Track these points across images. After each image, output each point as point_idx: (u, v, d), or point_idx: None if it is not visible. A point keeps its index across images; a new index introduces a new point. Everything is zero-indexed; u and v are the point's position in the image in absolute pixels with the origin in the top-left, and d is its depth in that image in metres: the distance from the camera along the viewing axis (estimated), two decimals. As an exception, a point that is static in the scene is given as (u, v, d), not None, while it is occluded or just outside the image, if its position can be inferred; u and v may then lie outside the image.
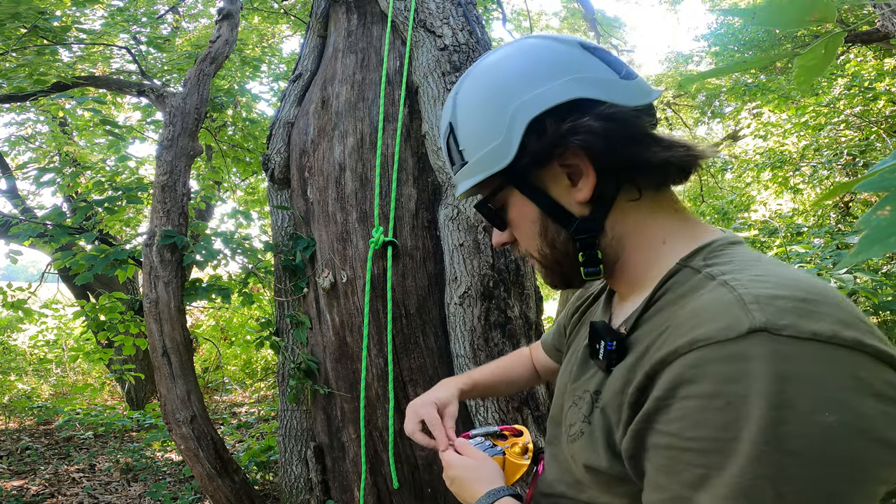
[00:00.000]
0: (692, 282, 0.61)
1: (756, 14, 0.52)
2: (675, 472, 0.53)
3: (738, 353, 0.49)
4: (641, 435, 0.57)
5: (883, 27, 5.12)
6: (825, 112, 4.69)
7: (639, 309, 0.66)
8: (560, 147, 0.66)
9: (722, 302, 0.53)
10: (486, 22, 7.10)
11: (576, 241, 0.70)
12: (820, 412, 0.46)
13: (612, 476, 0.64)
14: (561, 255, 0.72)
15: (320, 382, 2.28)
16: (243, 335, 6.40)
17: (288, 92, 2.67)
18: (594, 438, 0.66)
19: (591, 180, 0.67)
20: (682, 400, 0.52)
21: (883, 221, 0.28)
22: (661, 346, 0.56)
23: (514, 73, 0.70)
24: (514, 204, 0.73)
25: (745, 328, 0.49)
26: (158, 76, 4.42)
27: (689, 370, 0.51)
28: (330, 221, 2.29)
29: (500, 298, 2.01)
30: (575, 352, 0.82)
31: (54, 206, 5.07)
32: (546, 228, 0.71)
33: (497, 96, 0.69)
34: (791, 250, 2.50)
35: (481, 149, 0.71)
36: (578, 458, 0.69)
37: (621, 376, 0.62)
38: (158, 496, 3.16)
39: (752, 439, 0.47)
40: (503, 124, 0.68)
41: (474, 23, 2.43)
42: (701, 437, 0.50)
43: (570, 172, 0.68)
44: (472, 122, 0.72)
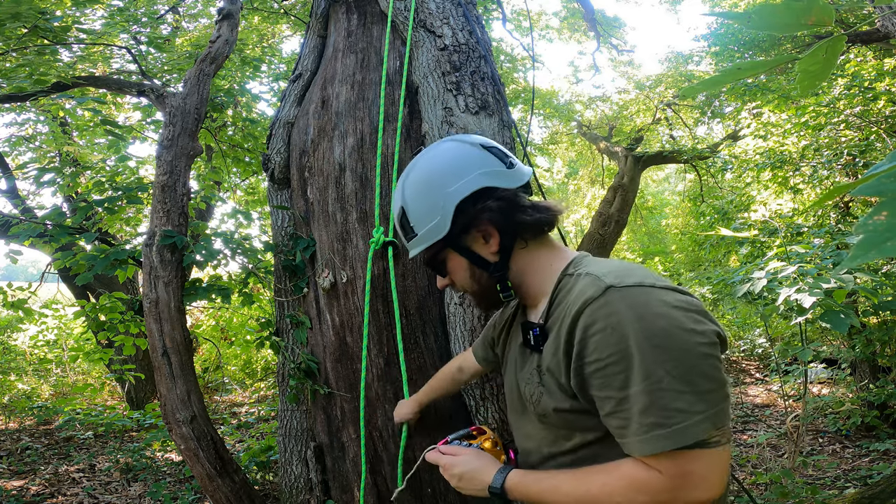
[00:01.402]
0: (570, 281, 0.99)
1: (752, 17, 0.52)
2: (608, 384, 0.85)
3: (606, 301, 0.87)
4: (580, 371, 0.90)
5: (883, 27, 5.11)
6: (825, 112, 4.68)
7: (546, 307, 1.03)
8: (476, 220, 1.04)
9: (588, 281, 0.92)
10: (486, 22, 7.10)
11: (493, 278, 1.08)
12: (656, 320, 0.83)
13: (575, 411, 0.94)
14: (485, 288, 1.10)
15: (320, 382, 2.28)
16: (243, 335, 6.40)
17: (288, 92, 2.67)
18: (551, 391, 0.97)
19: (496, 239, 1.05)
20: (590, 338, 0.87)
21: (880, 226, 0.28)
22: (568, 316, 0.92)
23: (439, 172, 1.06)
24: (451, 259, 1.10)
25: (603, 287, 0.88)
26: (158, 76, 4.42)
27: (587, 319, 0.88)
28: (330, 221, 2.29)
29: (499, 299, 2.01)
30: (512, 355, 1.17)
31: (54, 206, 5.07)
32: (473, 272, 1.09)
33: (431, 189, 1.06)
34: (791, 250, 2.50)
35: (426, 224, 1.07)
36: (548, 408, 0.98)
37: (552, 346, 0.96)
38: (158, 496, 3.17)
39: (636, 343, 0.82)
40: (439, 208, 1.04)
41: (474, 23, 2.42)
42: (610, 353, 0.84)
43: (483, 235, 1.06)
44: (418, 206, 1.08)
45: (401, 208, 1.11)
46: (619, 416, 0.84)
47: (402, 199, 1.10)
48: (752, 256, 4.25)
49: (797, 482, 2.95)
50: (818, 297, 1.97)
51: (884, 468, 3.37)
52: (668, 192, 17.45)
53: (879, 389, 4.20)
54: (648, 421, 0.80)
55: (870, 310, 3.76)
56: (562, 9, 11.24)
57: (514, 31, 9.83)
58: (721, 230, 2.78)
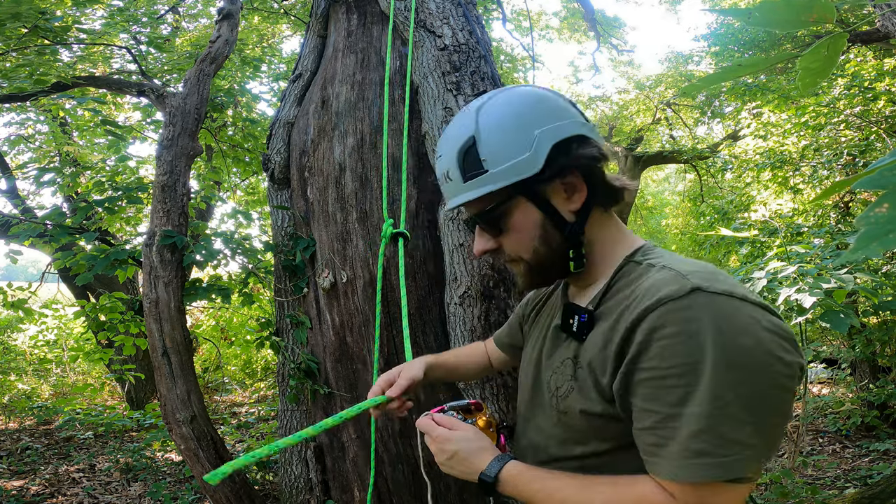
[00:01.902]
0: (638, 270, 0.87)
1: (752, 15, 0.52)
2: (659, 397, 0.74)
3: (688, 304, 0.74)
4: (629, 376, 0.78)
5: (883, 27, 5.11)
6: (825, 112, 4.68)
7: (601, 291, 0.90)
8: (566, 169, 0.88)
9: (668, 276, 0.79)
10: (486, 22, 7.10)
11: (568, 242, 0.91)
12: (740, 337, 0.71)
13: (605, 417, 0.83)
14: (554, 253, 0.92)
15: (320, 382, 2.28)
16: (243, 335, 6.39)
17: (288, 92, 2.67)
18: (584, 389, 0.85)
19: (582, 195, 0.90)
20: (656, 342, 0.74)
21: (881, 218, 0.28)
22: (633, 310, 0.78)
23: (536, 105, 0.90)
24: (520, 211, 0.91)
25: (689, 288, 0.75)
26: (158, 76, 4.42)
27: (658, 319, 0.75)
28: (330, 221, 2.29)
29: (500, 298, 2.01)
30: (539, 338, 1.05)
31: (54, 206, 5.07)
32: (546, 231, 0.91)
33: (526, 118, 0.88)
34: (791, 250, 2.50)
35: (508, 160, 0.87)
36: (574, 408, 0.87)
37: (600, 339, 0.84)
38: (158, 496, 3.16)
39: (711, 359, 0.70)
40: (529, 142, 0.86)
41: (474, 23, 2.42)
42: (676, 364, 0.72)
43: (567, 188, 0.90)
44: (501, 137, 0.88)
45: (469, 137, 0.89)
46: (658, 434, 0.74)
47: (472, 126, 0.90)
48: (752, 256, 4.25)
49: (797, 482, 2.95)
50: (818, 297, 1.97)
51: (884, 468, 3.37)
52: (668, 192, 17.45)
53: (879, 389, 4.20)
54: (696, 447, 0.70)
55: (870, 310, 3.76)
56: (562, 9, 11.25)
57: (514, 31, 9.84)
58: (721, 230, 2.78)
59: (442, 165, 0.95)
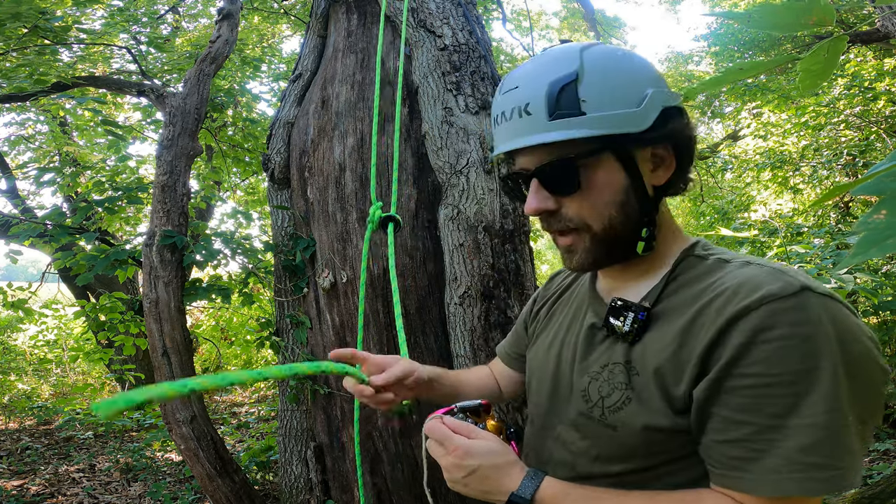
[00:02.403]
0: (704, 265, 0.78)
1: (751, 17, 0.52)
2: (759, 407, 0.66)
3: (800, 303, 0.65)
4: (719, 383, 0.68)
5: (883, 27, 5.11)
6: (825, 112, 4.69)
7: (658, 287, 0.80)
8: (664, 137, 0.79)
9: (764, 272, 0.70)
10: (486, 22, 7.10)
11: (643, 217, 0.80)
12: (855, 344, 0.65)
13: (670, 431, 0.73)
14: (629, 226, 0.80)
15: (320, 382, 2.28)
16: (243, 335, 6.40)
17: (288, 92, 2.67)
18: (647, 399, 0.74)
19: (670, 171, 0.81)
20: (761, 344, 0.65)
21: (879, 224, 0.28)
22: (724, 308, 0.69)
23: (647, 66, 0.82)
24: (603, 171, 0.78)
25: (798, 286, 0.66)
26: (158, 76, 4.42)
27: (766, 319, 0.66)
28: (330, 221, 2.29)
29: (500, 298, 2.01)
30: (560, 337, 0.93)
31: (54, 206, 5.07)
32: (628, 198, 0.79)
33: (638, 74, 0.79)
34: (791, 250, 2.50)
35: (612, 108, 0.76)
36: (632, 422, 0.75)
37: (671, 341, 0.74)
38: (158, 496, 3.17)
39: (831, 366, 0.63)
40: (639, 98, 0.77)
41: (474, 23, 2.43)
42: (785, 371, 0.64)
43: (655, 159, 0.81)
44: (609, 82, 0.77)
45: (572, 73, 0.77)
46: (750, 447, 0.66)
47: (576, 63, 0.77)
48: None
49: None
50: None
51: (884, 468, 3.37)
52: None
53: (879, 389, 4.20)
54: (810, 460, 0.63)
55: (870, 310, 3.76)
56: (562, 9, 11.25)
57: (514, 31, 9.83)
58: (721, 230, 2.78)
59: (516, 98, 0.80)
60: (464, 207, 2.07)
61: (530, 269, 2.12)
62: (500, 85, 0.85)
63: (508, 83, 0.83)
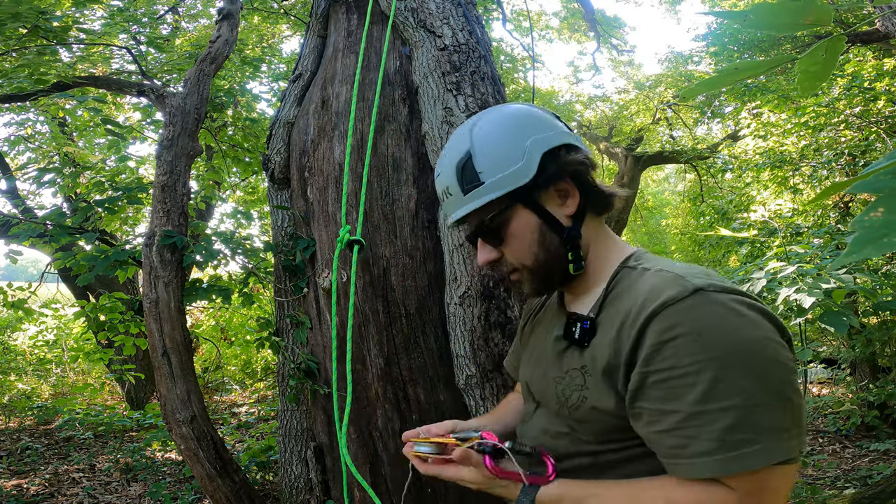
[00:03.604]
0: (633, 275, 0.90)
1: (749, 17, 0.52)
2: (676, 396, 0.76)
3: (693, 303, 0.77)
4: (642, 379, 0.79)
5: (883, 27, 5.11)
6: (825, 112, 4.69)
7: (599, 299, 0.92)
8: (558, 175, 0.93)
9: (667, 279, 0.82)
10: (486, 22, 7.10)
11: (566, 245, 0.94)
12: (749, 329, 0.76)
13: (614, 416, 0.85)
14: (554, 257, 0.95)
15: (320, 382, 2.28)
16: (243, 335, 6.40)
17: (288, 92, 2.67)
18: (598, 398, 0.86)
19: (575, 200, 0.94)
20: (667, 343, 0.77)
21: (876, 222, 0.28)
22: (637, 315, 0.81)
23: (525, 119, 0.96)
24: (517, 219, 0.94)
25: (690, 289, 0.78)
26: (158, 76, 4.42)
27: (666, 321, 0.77)
28: (330, 221, 2.29)
29: (500, 298, 2.01)
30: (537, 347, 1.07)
31: (54, 206, 5.08)
32: (544, 236, 0.94)
33: (516, 131, 0.94)
34: (790, 250, 2.50)
35: (503, 170, 0.92)
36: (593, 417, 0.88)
37: (608, 346, 0.85)
38: (158, 496, 3.17)
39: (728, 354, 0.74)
40: (522, 152, 0.92)
41: (474, 23, 2.43)
42: (690, 363, 0.75)
43: (561, 194, 0.94)
44: (494, 148, 0.94)
45: (466, 152, 0.95)
46: (681, 435, 0.76)
47: (468, 143, 0.96)
48: (752, 256, 4.26)
49: (797, 482, 2.95)
50: (817, 297, 1.97)
51: (884, 468, 3.37)
52: (668, 192, 17.45)
53: (879, 389, 4.21)
54: (737, 437, 0.72)
55: (870, 310, 3.76)
56: (562, 9, 11.24)
57: (514, 31, 9.83)
58: (721, 230, 2.78)
59: (441, 183, 1.00)
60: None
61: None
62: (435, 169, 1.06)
63: (436, 169, 1.03)
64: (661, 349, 0.77)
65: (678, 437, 0.76)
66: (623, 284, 0.90)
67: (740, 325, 0.76)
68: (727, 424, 0.73)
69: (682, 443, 0.76)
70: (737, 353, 0.74)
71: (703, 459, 0.74)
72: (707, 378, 0.74)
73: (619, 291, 0.90)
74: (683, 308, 0.77)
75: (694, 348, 0.75)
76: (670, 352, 0.76)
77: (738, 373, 0.73)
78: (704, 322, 0.76)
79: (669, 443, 0.77)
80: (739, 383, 0.73)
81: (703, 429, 0.74)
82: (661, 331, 0.77)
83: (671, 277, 0.82)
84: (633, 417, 0.82)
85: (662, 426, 0.78)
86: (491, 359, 1.94)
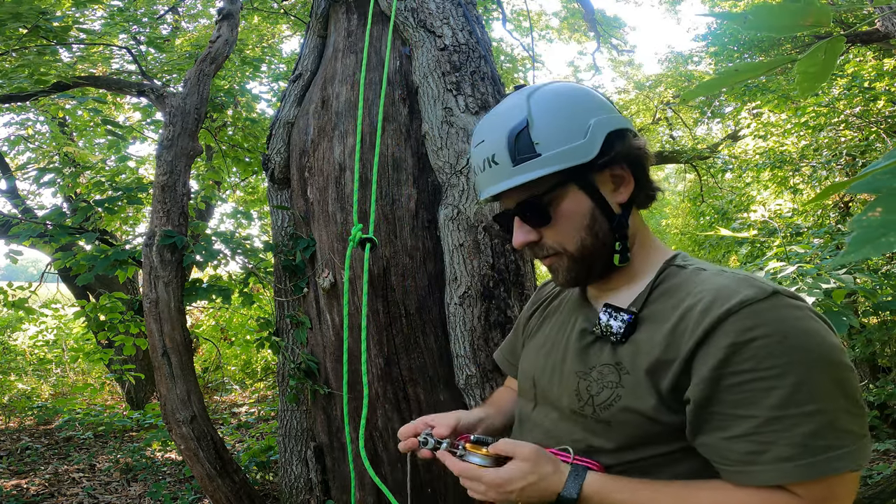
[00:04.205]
0: (684, 274, 0.86)
1: (748, 18, 0.52)
2: (756, 400, 0.72)
3: (774, 305, 0.74)
4: (715, 383, 0.74)
5: (883, 27, 5.11)
6: (825, 112, 4.69)
7: (644, 293, 0.87)
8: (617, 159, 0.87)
9: (737, 279, 0.79)
10: (486, 22, 7.10)
11: (615, 233, 0.89)
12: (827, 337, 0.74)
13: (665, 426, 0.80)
14: (601, 244, 0.89)
15: (320, 382, 2.28)
16: (243, 335, 6.40)
17: (288, 92, 2.67)
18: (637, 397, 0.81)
19: (630, 187, 0.90)
20: (747, 344, 0.73)
21: (874, 222, 0.28)
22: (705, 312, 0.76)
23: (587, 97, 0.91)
24: (569, 199, 0.88)
25: (770, 290, 0.75)
26: (158, 76, 4.42)
27: (747, 321, 0.73)
28: (330, 221, 2.29)
29: (500, 298, 2.01)
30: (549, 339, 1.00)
31: (54, 206, 5.08)
32: (595, 221, 0.88)
33: (579, 106, 0.89)
34: (790, 250, 2.51)
35: (562, 144, 0.86)
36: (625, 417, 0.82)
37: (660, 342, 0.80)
38: (158, 496, 3.17)
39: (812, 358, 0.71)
40: (584, 129, 0.86)
41: (474, 23, 2.43)
42: (775, 365, 0.71)
43: (615, 179, 0.89)
44: (554, 121, 0.87)
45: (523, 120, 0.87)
46: (757, 440, 0.72)
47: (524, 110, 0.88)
48: (752, 256, 4.26)
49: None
50: (817, 297, 1.97)
51: (884, 468, 3.37)
52: (668, 192, 17.45)
53: (879, 389, 4.21)
54: (819, 443, 0.70)
55: (870, 310, 3.76)
56: (562, 9, 11.24)
57: (514, 31, 9.83)
58: (721, 230, 2.78)
59: (484, 150, 0.91)
60: (464, 207, 2.07)
61: (530, 269, 2.12)
62: (472, 138, 0.97)
63: (477, 137, 0.95)
64: (740, 350, 0.73)
65: (754, 442, 0.72)
66: (672, 281, 0.86)
67: (819, 330, 0.74)
68: (811, 429, 0.70)
69: (758, 448, 0.72)
70: (821, 359, 0.72)
71: (783, 465, 0.71)
72: (790, 382, 0.71)
73: (667, 288, 0.86)
74: (764, 309, 0.74)
75: (777, 350, 0.71)
76: (750, 353, 0.72)
77: (823, 378, 0.71)
78: (789, 325, 0.73)
79: (742, 448, 0.73)
80: (824, 388, 0.71)
81: (782, 434, 0.71)
82: (741, 330, 0.73)
83: (742, 278, 0.79)
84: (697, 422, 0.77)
85: (734, 431, 0.73)
86: (491, 359, 1.94)
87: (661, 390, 0.79)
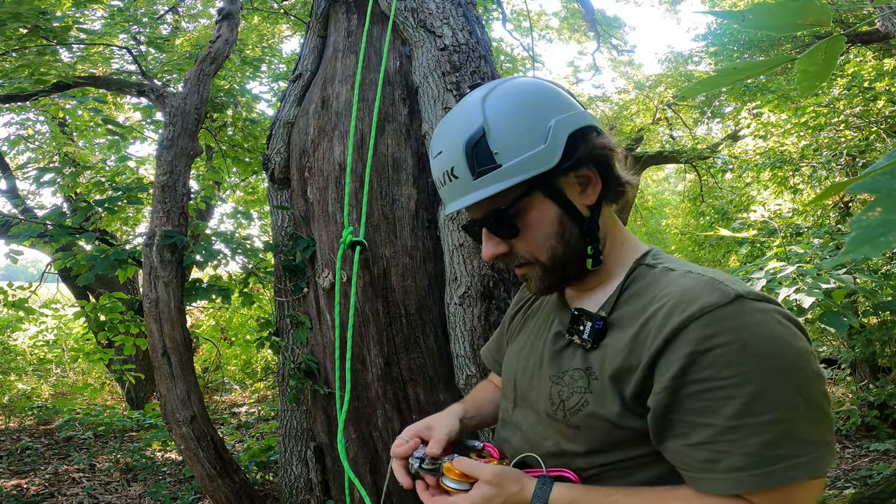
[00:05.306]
0: (652, 274, 0.83)
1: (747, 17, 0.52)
2: (715, 409, 0.70)
3: (736, 311, 0.71)
4: (675, 391, 0.72)
5: (883, 27, 5.11)
6: (825, 112, 4.69)
7: (613, 297, 0.85)
8: (582, 161, 0.83)
9: (701, 282, 0.76)
10: (486, 22, 7.10)
11: (585, 237, 0.85)
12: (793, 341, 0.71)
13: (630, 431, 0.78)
14: (572, 251, 0.86)
15: (320, 382, 2.28)
16: (243, 335, 6.40)
17: (288, 92, 2.67)
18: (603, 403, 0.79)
19: (597, 188, 0.85)
20: (706, 352, 0.70)
21: (873, 222, 0.28)
22: (667, 317, 0.74)
23: (545, 95, 0.85)
24: (536, 208, 0.84)
25: (732, 295, 0.72)
26: (158, 76, 4.42)
27: (704, 328, 0.71)
28: (330, 221, 2.29)
29: (500, 298, 2.01)
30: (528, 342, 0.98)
31: (54, 206, 5.08)
32: (564, 228, 0.85)
33: (538, 108, 0.83)
34: (790, 250, 2.51)
35: (523, 152, 0.81)
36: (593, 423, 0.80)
37: (624, 348, 0.78)
38: (158, 496, 3.17)
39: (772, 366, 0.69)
40: (544, 134, 0.81)
41: (474, 23, 2.43)
42: (733, 374, 0.69)
43: (581, 181, 0.85)
44: (513, 127, 0.82)
45: (478, 128, 0.82)
46: (714, 449, 0.71)
47: (479, 117, 0.82)
48: (752, 256, 4.26)
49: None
50: (817, 297, 1.97)
51: (884, 468, 3.37)
52: (668, 191, 17.45)
53: (879, 389, 4.21)
54: (776, 453, 0.68)
55: (870, 310, 3.76)
56: (562, 9, 11.24)
57: (514, 31, 9.83)
58: (720, 230, 2.78)
59: (443, 163, 0.86)
60: (463, 207, 2.07)
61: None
62: (430, 146, 0.91)
63: (434, 146, 0.89)
64: (699, 359, 0.71)
65: (710, 451, 0.71)
66: (641, 283, 0.83)
67: (784, 335, 0.71)
68: (766, 439, 0.68)
69: (714, 457, 0.71)
70: (783, 366, 0.69)
71: (737, 475, 0.69)
72: (748, 391, 0.69)
73: (635, 290, 0.83)
74: (726, 315, 0.71)
75: (737, 359, 0.69)
76: (708, 362, 0.70)
77: (783, 385, 0.69)
78: (750, 332, 0.70)
79: (701, 456, 0.72)
80: (784, 396, 0.69)
81: (738, 444, 0.69)
82: (700, 339, 0.71)
83: (706, 281, 0.75)
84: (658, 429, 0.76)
85: (694, 439, 0.72)
86: (491, 359, 1.94)
87: (625, 396, 0.77)
